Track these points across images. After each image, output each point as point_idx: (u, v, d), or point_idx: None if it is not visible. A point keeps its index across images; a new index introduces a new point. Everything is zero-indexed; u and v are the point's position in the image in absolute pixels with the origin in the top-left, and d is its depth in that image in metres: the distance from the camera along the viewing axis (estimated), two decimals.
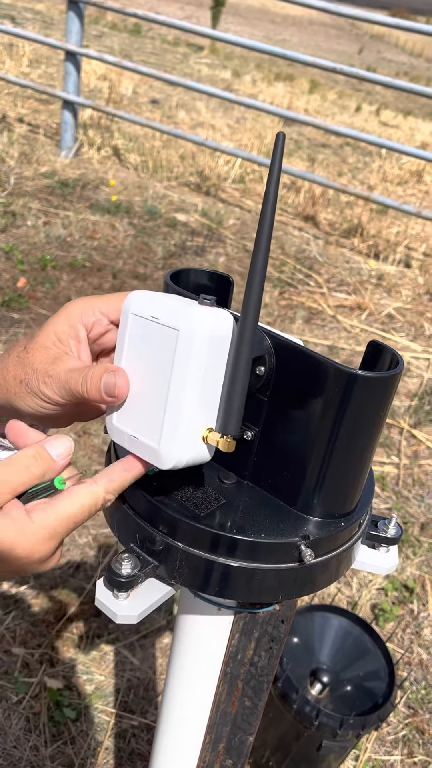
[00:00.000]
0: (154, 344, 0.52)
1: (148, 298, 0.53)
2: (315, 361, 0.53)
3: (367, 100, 10.63)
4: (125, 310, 0.54)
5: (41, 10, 10.75)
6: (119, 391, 0.54)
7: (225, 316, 0.52)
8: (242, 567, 0.56)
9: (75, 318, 0.58)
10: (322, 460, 0.55)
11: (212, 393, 0.52)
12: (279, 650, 0.75)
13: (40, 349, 0.58)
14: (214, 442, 0.53)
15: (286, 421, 0.56)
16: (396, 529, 0.67)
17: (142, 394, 0.53)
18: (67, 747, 1.46)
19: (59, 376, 0.56)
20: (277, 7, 26.51)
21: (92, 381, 0.54)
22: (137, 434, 0.54)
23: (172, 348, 0.50)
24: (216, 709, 0.79)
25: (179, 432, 0.51)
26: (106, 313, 0.59)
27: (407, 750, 1.62)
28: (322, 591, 1.96)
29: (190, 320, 0.49)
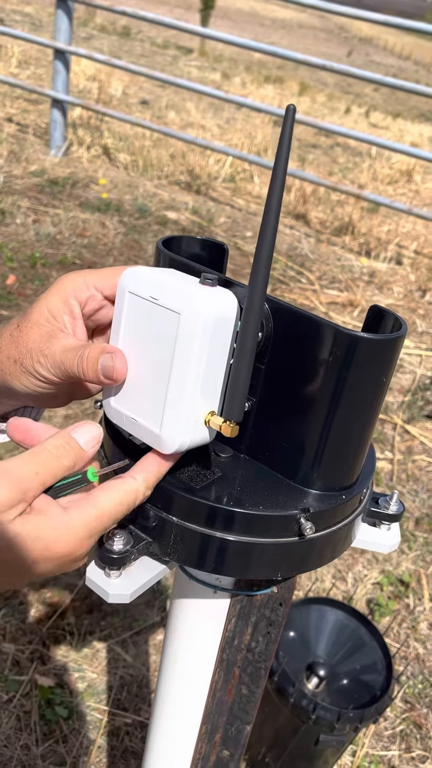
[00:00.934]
0: (153, 326, 0.49)
1: (146, 276, 0.51)
2: (315, 323, 0.51)
3: (356, 102, 10.66)
4: (121, 287, 0.51)
5: (30, 12, 10.72)
6: (117, 373, 0.51)
7: (228, 297, 0.49)
8: (240, 541, 0.53)
9: (68, 293, 0.55)
10: (323, 429, 0.53)
11: (215, 376, 0.50)
12: (277, 635, 0.72)
13: (33, 327, 0.55)
14: (217, 427, 0.51)
15: (285, 389, 0.54)
16: (398, 505, 0.65)
17: (142, 375, 0.51)
18: (59, 745, 1.43)
19: (54, 355, 0.54)
20: (266, 10, 26.62)
21: (89, 362, 0.52)
22: (137, 417, 0.52)
23: (173, 331, 0.47)
24: (212, 697, 0.77)
25: (181, 417, 0.49)
26: (100, 288, 0.56)
27: (405, 745, 1.59)
28: (317, 585, 1.94)
29: (192, 303, 0.47)
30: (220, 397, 0.52)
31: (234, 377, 0.49)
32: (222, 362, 0.50)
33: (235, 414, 0.50)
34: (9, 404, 0.63)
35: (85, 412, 2.40)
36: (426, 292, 3.97)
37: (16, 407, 0.64)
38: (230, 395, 0.50)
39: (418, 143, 7.98)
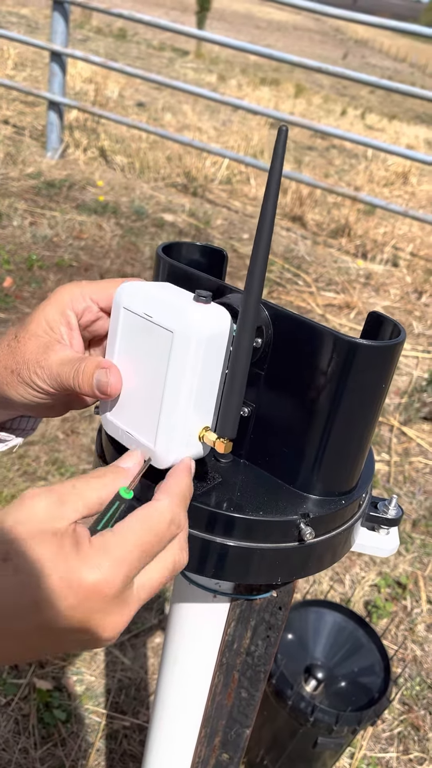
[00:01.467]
0: (147, 342, 0.50)
1: (141, 292, 0.51)
2: (315, 330, 0.51)
3: (352, 104, 10.69)
4: (117, 303, 0.52)
5: (26, 14, 10.72)
6: (112, 389, 0.52)
7: (221, 313, 0.50)
8: (240, 546, 0.53)
9: (65, 305, 0.56)
10: (322, 435, 0.54)
11: (209, 392, 0.51)
12: (276, 639, 0.73)
13: (31, 338, 0.55)
14: (210, 443, 0.51)
15: (284, 395, 0.54)
16: (396, 510, 0.66)
17: (137, 390, 0.52)
18: (58, 749, 1.43)
19: (51, 367, 0.54)
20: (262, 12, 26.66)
21: (84, 376, 0.52)
22: (132, 431, 0.52)
23: (167, 349, 0.48)
24: (211, 701, 0.77)
25: (175, 433, 0.50)
26: (96, 300, 0.57)
27: (403, 746, 1.60)
28: (315, 588, 1.94)
29: (185, 321, 0.47)
30: (214, 412, 0.52)
31: (227, 396, 0.49)
32: (216, 378, 0.51)
33: (228, 431, 0.50)
34: (6, 414, 0.63)
35: (83, 414, 2.40)
36: (422, 294, 3.98)
37: (12, 416, 0.65)
38: (223, 413, 0.50)
39: (413, 145, 8.00)
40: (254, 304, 0.47)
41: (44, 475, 2.12)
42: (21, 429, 0.68)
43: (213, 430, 0.52)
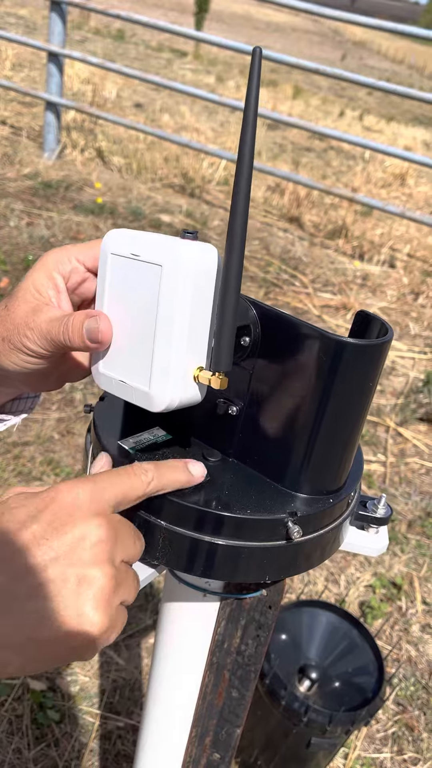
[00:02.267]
0: (136, 283, 0.49)
1: (127, 236, 0.51)
2: (302, 329, 0.51)
3: (350, 105, 10.70)
4: (104, 250, 0.52)
5: (24, 15, 10.72)
6: (102, 335, 0.52)
7: (209, 249, 0.50)
8: (228, 545, 0.53)
9: (51, 268, 0.56)
10: (310, 433, 0.54)
11: (201, 330, 0.50)
12: (267, 638, 0.73)
13: (20, 304, 0.56)
14: (206, 381, 0.51)
15: (272, 393, 0.55)
16: (385, 509, 0.66)
17: (128, 336, 0.51)
18: (51, 749, 1.42)
19: (40, 327, 0.54)
20: (260, 13, 26.69)
21: (74, 328, 0.52)
22: (126, 379, 0.52)
23: (156, 285, 0.48)
24: (202, 701, 0.77)
25: (170, 372, 0.49)
26: (82, 261, 0.57)
27: (397, 747, 1.60)
28: (310, 588, 1.94)
29: (173, 255, 0.47)
30: (208, 352, 0.51)
31: (219, 327, 0.49)
32: (207, 315, 0.50)
33: (223, 364, 0.50)
34: (3, 393, 0.63)
35: (78, 415, 2.40)
36: (419, 295, 3.99)
37: (10, 397, 0.65)
38: (217, 345, 0.49)
39: (411, 147, 8.01)
40: (241, 227, 0.46)
41: (39, 476, 2.11)
42: (19, 411, 0.68)
43: (207, 369, 0.52)
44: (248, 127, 0.45)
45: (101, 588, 0.43)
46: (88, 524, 0.44)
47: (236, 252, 0.47)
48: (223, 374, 0.50)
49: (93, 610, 0.43)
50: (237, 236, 0.47)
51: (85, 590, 0.43)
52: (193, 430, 0.61)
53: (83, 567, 0.43)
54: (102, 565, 0.44)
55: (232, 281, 0.48)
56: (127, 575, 0.47)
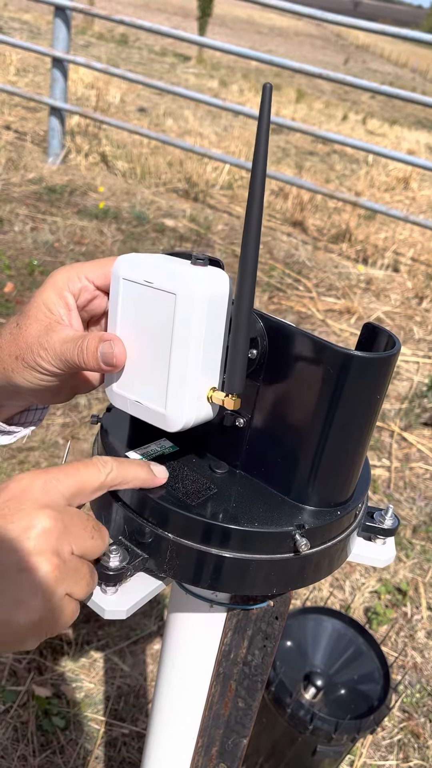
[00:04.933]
0: (150, 309, 0.50)
1: (138, 262, 0.52)
2: (310, 342, 0.51)
3: (353, 109, 10.71)
4: (115, 275, 0.53)
5: (28, 20, 10.77)
6: (117, 359, 0.53)
7: (220, 275, 0.51)
8: (235, 558, 0.53)
9: (61, 286, 0.57)
10: (317, 446, 0.54)
11: (214, 352, 0.51)
12: (273, 648, 0.72)
13: (32, 323, 0.57)
14: (219, 401, 0.52)
15: (280, 406, 0.55)
16: (393, 520, 0.66)
17: (142, 358, 0.52)
18: (56, 756, 1.42)
19: (54, 347, 0.55)
20: (263, 18, 26.74)
21: (89, 351, 0.53)
22: (141, 399, 0.53)
23: (171, 312, 0.49)
24: (208, 711, 0.77)
25: (185, 395, 0.51)
26: (92, 279, 0.58)
27: (402, 754, 1.59)
28: (315, 594, 1.94)
29: (186, 283, 0.48)
30: (220, 372, 0.53)
31: (233, 350, 0.50)
32: (219, 338, 0.51)
33: (236, 386, 0.51)
34: (13, 405, 0.64)
35: (82, 420, 2.40)
36: (423, 299, 3.98)
37: (20, 408, 0.66)
38: (230, 368, 0.51)
39: (414, 150, 8.01)
40: (252, 254, 0.47)
41: None
42: (28, 422, 0.69)
43: (219, 389, 0.53)
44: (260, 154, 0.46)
45: (42, 576, 0.44)
46: (36, 514, 0.45)
47: (248, 282, 0.48)
48: (236, 395, 0.52)
49: (32, 597, 0.43)
50: (249, 266, 0.48)
51: (25, 577, 0.44)
52: (201, 441, 0.61)
53: (25, 555, 0.44)
54: (45, 554, 0.44)
55: (244, 308, 0.48)
56: (77, 568, 0.47)
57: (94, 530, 0.49)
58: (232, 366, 0.50)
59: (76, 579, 0.47)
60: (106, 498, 0.58)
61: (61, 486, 0.47)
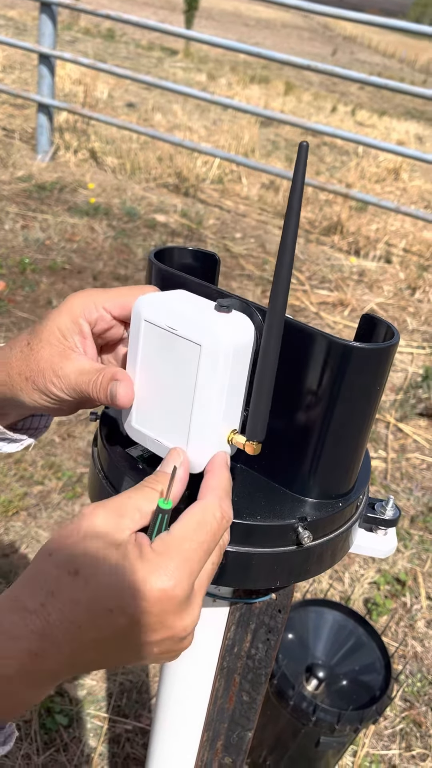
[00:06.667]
0: (173, 354, 0.50)
1: (161, 303, 0.51)
2: (308, 334, 0.51)
3: (342, 101, 10.69)
4: (136, 315, 0.52)
5: (14, 16, 10.69)
6: (121, 400, 0.53)
7: (245, 323, 0.51)
8: (238, 552, 0.53)
9: (77, 314, 0.56)
10: (318, 438, 0.54)
11: (237, 397, 0.52)
12: (276, 642, 0.73)
13: (45, 346, 0.56)
14: (240, 445, 0.53)
15: (280, 399, 0.54)
16: (394, 510, 0.66)
17: (163, 399, 0.52)
18: (60, 754, 1.42)
19: (68, 377, 0.55)
20: (250, 10, 26.64)
21: (101, 387, 0.54)
22: (162, 439, 0.53)
23: (195, 362, 0.49)
24: (213, 705, 0.77)
25: (206, 439, 0.51)
26: (109, 309, 0.57)
27: (405, 743, 1.60)
28: (315, 586, 1.94)
29: (212, 335, 0.48)
30: (241, 414, 0.53)
31: (256, 401, 0.50)
32: (242, 384, 0.52)
33: (259, 434, 0.52)
34: (17, 414, 0.64)
35: (79, 418, 2.40)
36: (415, 290, 3.99)
37: (23, 416, 0.65)
38: (253, 418, 0.51)
39: (404, 141, 8.01)
40: (280, 311, 0.48)
41: (41, 480, 2.11)
42: (33, 428, 0.68)
43: (240, 431, 0.53)
44: (292, 213, 0.46)
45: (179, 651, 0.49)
46: (186, 619, 0.47)
47: (274, 335, 0.48)
48: (258, 441, 0.52)
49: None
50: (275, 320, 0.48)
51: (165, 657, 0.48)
52: None
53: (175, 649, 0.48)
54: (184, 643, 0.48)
55: (270, 360, 0.49)
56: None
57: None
58: (254, 415, 0.51)
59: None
60: (107, 494, 0.57)
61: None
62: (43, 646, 0.41)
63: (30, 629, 0.41)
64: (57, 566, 0.43)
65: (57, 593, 0.42)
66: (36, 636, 0.41)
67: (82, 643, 0.42)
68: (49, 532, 1.93)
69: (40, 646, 0.41)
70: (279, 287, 0.47)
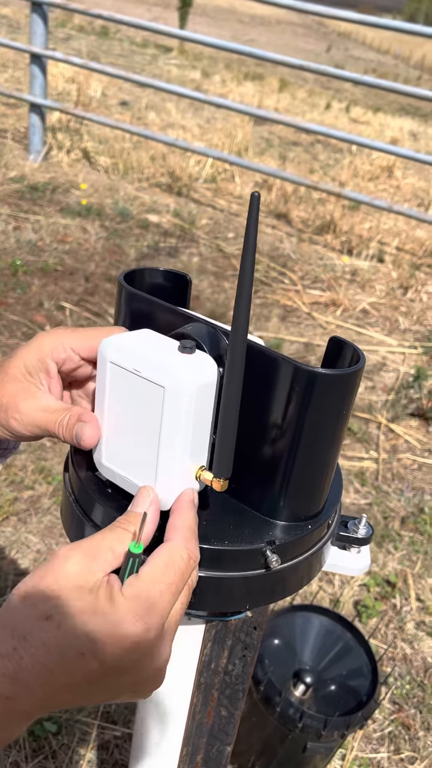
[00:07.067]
0: (138, 396, 0.51)
1: (126, 345, 0.52)
2: (274, 360, 0.51)
3: (336, 97, 10.68)
4: (102, 357, 0.53)
5: (6, 14, 10.65)
6: (85, 442, 0.54)
7: (207, 363, 0.51)
8: (207, 576, 0.54)
9: (45, 353, 0.57)
10: (286, 462, 0.54)
11: (202, 434, 0.52)
12: (253, 658, 0.73)
13: (10, 381, 0.57)
14: (207, 482, 0.53)
15: (248, 423, 0.55)
16: (366, 529, 0.66)
17: (131, 438, 0.53)
18: (49, 761, 1.43)
19: (30, 414, 0.56)
20: (245, 6, 26.56)
21: (67, 428, 0.55)
22: (130, 476, 0.54)
23: (159, 404, 0.49)
24: (192, 720, 0.77)
25: (173, 478, 0.52)
26: (77, 350, 0.58)
27: (394, 746, 1.61)
28: (304, 589, 1.95)
29: (174, 376, 0.49)
30: (208, 450, 0.54)
31: (221, 440, 0.51)
32: (208, 420, 0.52)
33: (224, 472, 0.52)
34: None
35: None
36: (408, 289, 3.99)
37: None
38: (219, 457, 0.52)
39: (398, 138, 8.01)
40: (239, 359, 0.48)
41: (31, 485, 2.11)
42: (2, 448, 0.69)
43: (207, 468, 0.54)
44: (247, 263, 0.46)
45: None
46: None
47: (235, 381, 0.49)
48: (225, 478, 0.53)
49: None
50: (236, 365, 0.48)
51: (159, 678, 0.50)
52: None
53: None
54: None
55: (232, 405, 0.49)
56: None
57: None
58: (220, 453, 0.51)
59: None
60: (77, 518, 0.58)
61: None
62: (15, 690, 0.42)
63: (2, 673, 0.42)
64: (30, 610, 0.44)
65: (29, 637, 0.43)
66: (8, 680, 0.42)
67: (54, 687, 0.43)
68: (39, 537, 1.94)
69: (11, 689, 0.42)
70: (236, 340, 0.47)
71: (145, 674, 0.46)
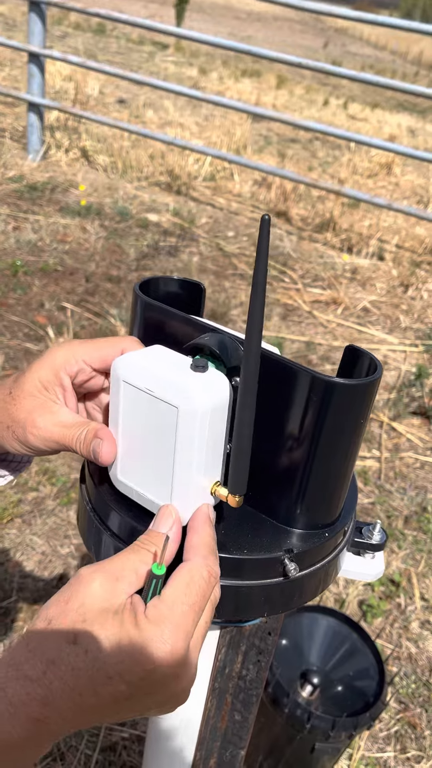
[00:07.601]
0: (152, 414, 0.51)
1: (138, 364, 0.52)
2: (292, 370, 0.51)
3: (334, 93, 10.66)
4: (115, 376, 0.53)
5: (3, 12, 10.62)
6: (102, 458, 0.54)
7: (220, 381, 0.51)
8: (225, 585, 0.54)
9: (58, 367, 0.57)
10: (303, 471, 0.54)
11: (217, 450, 0.52)
12: (267, 662, 0.73)
13: (26, 397, 0.57)
14: (223, 498, 0.53)
15: (265, 432, 0.55)
16: (381, 534, 0.66)
17: (146, 455, 0.53)
18: (57, 764, 1.43)
19: (48, 429, 0.56)
20: (242, 3, 26.50)
21: (85, 443, 0.55)
22: (146, 492, 0.54)
23: (173, 423, 0.49)
24: (205, 724, 0.77)
25: (189, 495, 0.52)
26: (89, 362, 0.58)
27: (400, 746, 1.61)
28: None
29: (188, 397, 0.49)
30: (222, 465, 0.54)
31: (236, 458, 0.51)
32: (222, 437, 0.52)
33: (239, 489, 0.52)
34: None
35: None
36: (408, 287, 3.99)
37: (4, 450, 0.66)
38: (234, 474, 0.52)
39: (396, 134, 8.00)
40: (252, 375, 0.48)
41: (35, 486, 2.11)
42: (16, 461, 0.69)
43: (222, 483, 0.54)
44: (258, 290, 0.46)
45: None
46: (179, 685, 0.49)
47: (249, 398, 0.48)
48: (240, 495, 0.53)
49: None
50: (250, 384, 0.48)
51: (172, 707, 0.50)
52: None
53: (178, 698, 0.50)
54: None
55: (245, 424, 0.49)
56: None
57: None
58: (235, 470, 0.51)
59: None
60: (95, 527, 0.58)
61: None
62: (46, 713, 0.43)
63: (32, 697, 0.42)
64: (57, 634, 0.44)
65: (58, 662, 0.43)
66: (38, 703, 0.43)
67: (83, 709, 0.44)
68: (44, 539, 1.94)
69: (42, 712, 0.42)
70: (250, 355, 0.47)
71: (170, 693, 0.47)
